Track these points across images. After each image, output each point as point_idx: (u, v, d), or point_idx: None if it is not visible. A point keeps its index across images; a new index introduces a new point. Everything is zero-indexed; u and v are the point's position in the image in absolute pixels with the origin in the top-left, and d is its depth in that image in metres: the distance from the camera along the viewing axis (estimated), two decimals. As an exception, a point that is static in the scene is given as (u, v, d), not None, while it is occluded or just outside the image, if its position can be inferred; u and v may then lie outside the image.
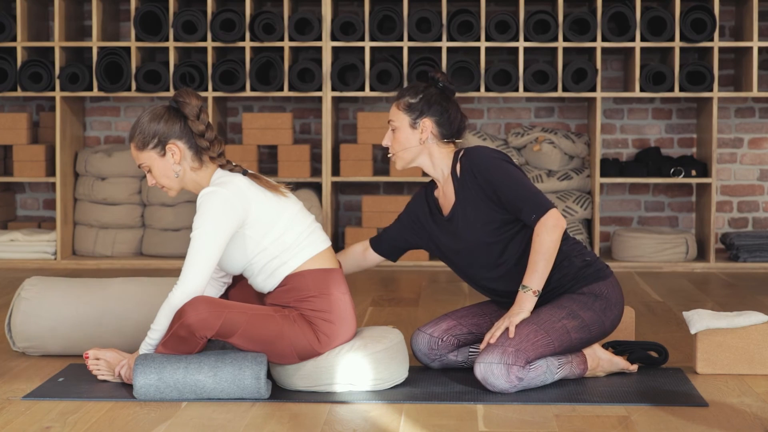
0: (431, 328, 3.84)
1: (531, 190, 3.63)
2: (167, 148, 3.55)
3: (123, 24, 7.19)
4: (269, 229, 3.52)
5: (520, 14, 6.62)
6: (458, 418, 3.30)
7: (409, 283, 6.04)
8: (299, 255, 3.54)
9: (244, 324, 3.45)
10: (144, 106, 7.20)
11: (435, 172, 3.79)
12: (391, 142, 3.79)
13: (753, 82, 6.58)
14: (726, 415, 3.32)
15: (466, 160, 3.71)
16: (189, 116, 3.55)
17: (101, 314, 4.00)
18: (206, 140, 3.56)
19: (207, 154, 3.57)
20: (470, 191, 3.69)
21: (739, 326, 3.79)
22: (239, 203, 3.48)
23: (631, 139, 7.14)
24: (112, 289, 4.07)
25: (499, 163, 3.67)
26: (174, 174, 3.57)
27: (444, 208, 3.80)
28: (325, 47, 6.67)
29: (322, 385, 3.54)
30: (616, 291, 3.74)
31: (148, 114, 3.58)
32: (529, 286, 3.60)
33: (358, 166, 6.72)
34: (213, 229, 3.45)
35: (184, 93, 3.57)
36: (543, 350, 3.57)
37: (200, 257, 3.45)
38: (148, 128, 3.55)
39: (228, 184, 3.50)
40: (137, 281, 4.13)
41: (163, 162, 3.57)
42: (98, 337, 3.99)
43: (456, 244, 3.74)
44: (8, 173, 7.01)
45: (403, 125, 3.76)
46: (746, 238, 6.64)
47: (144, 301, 4.01)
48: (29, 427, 3.19)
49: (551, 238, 3.58)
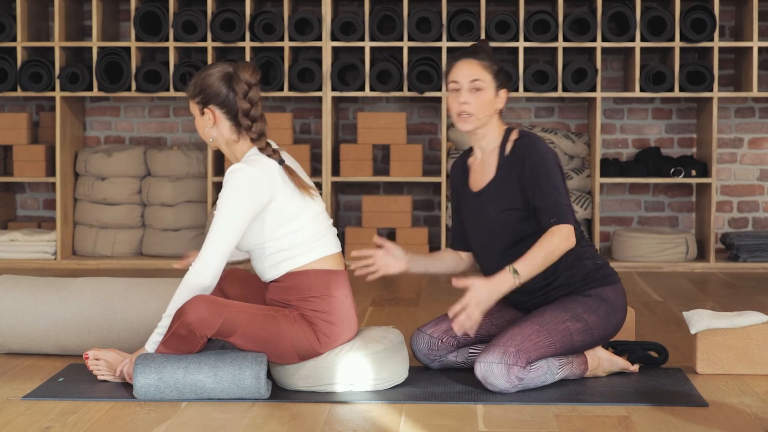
0: (431, 328, 3.84)
1: (564, 200, 3.61)
2: (206, 111, 3.55)
3: (123, 24, 7.19)
4: (287, 222, 3.50)
5: (520, 14, 6.62)
6: (458, 418, 3.30)
7: (409, 283, 6.04)
8: (307, 254, 3.53)
9: (244, 323, 3.45)
10: (144, 106, 7.20)
11: (485, 141, 3.74)
12: (475, 103, 3.65)
13: (753, 82, 6.58)
14: (726, 415, 3.32)
15: (521, 144, 3.66)
16: (237, 92, 3.53)
17: (57, 313, 4.02)
18: (249, 119, 3.54)
19: (247, 133, 3.55)
20: (511, 173, 3.66)
21: (739, 326, 3.79)
22: (266, 184, 3.46)
23: (631, 139, 7.14)
24: (69, 289, 4.09)
25: (552, 164, 3.63)
26: (209, 134, 3.58)
27: (475, 179, 3.77)
28: (325, 47, 6.67)
29: (322, 385, 3.54)
30: (621, 297, 3.74)
31: (205, 72, 3.56)
32: (519, 272, 3.53)
33: (358, 166, 6.72)
34: (235, 208, 3.43)
35: (240, 67, 3.54)
36: (544, 351, 3.57)
37: (220, 236, 3.44)
38: (201, 83, 3.55)
39: (257, 164, 3.48)
40: (95, 281, 4.14)
41: (200, 120, 3.59)
42: (53, 337, 4.02)
43: (478, 218, 3.71)
44: (8, 173, 7.01)
45: (490, 88, 3.68)
46: (746, 238, 6.64)
47: (98, 302, 4.03)
48: (29, 427, 3.19)
49: (560, 245, 3.56)
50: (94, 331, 4.00)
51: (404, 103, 7.16)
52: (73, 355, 4.05)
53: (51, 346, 4.04)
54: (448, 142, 6.76)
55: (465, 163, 3.85)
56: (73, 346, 4.03)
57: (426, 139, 7.15)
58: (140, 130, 7.23)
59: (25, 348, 4.07)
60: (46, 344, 4.03)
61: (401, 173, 6.71)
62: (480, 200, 3.72)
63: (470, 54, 3.70)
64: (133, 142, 7.23)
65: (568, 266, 3.68)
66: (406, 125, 6.74)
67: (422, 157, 6.73)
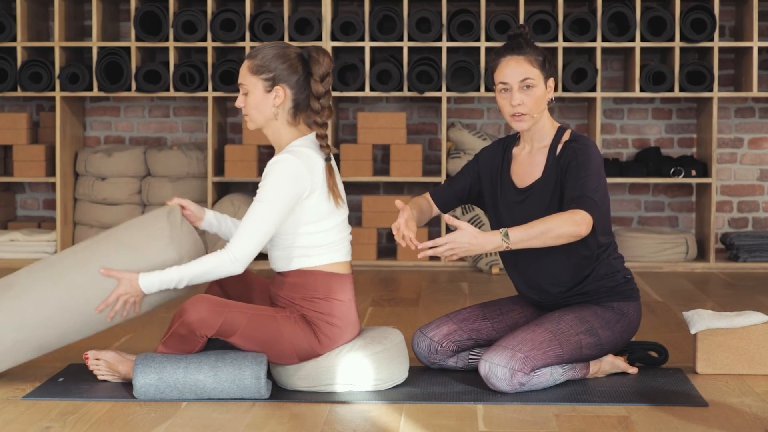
0: (432, 331, 3.81)
1: (593, 195, 3.47)
2: (275, 89, 3.51)
3: (123, 24, 7.18)
4: (317, 220, 3.49)
5: (520, 14, 6.62)
6: (458, 418, 3.29)
7: (409, 283, 6.04)
8: (322, 257, 3.52)
9: (244, 324, 3.45)
10: (144, 106, 7.20)
11: (536, 135, 3.64)
12: (529, 101, 3.55)
13: (753, 82, 6.58)
14: (726, 415, 3.32)
15: (572, 148, 3.56)
16: (314, 75, 3.51)
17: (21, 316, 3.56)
18: (320, 104, 3.53)
19: (314, 117, 3.52)
20: (557, 176, 3.57)
21: (739, 326, 3.79)
22: (308, 176, 3.44)
23: (631, 139, 7.14)
24: (19, 284, 3.63)
25: (595, 167, 3.52)
26: (269, 113, 3.51)
27: (519, 173, 3.69)
28: (325, 47, 6.67)
29: (323, 386, 3.54)
30: (638, 314, 3.72)
31: (279, 48, 3.51)
32: (510, 237, 3.40)
33: (358, 166, 6.72)
34: (277, 198, 3.41)
35: (320, 51, 3.52)
36: (551, 360, 3.55)
37: (258, 225, 3.42)
38: (271, 60, 3.50)
39: (301, 155, 3.46)
40: (40, 266, 3.64)
41: (264, 97, 3.52)
42: (26, 341, 3.56)
43: (516, 213, 3.63)
44: (8, 173, 7.01)
45: (540, 83, 3.59)
46: (746, 238, 6.63)
47: (58, 282, 3.54)
48: (29, 427, 3.19)
49: (565, 226, 3.41)
50: (71, 317, 3.53)
51: (404, 103, 7.16)
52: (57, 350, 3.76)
53: (31, 351, 3.60)
54: (448, 142, 6.76)
55: (508, 150, 3.74)
56: (55, 341, 3.59)
57: (426, 139, 7.15)
58: (140, 130, 7.23)
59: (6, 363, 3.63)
60: (21, 353, 3.59)
61: (401, 173, 6.71)
62: (524, 197, 3.65)
63: (515, 50, 3.58)
64: (133, 142, 7.23)
65: (600, 276, 3.63)
66: (406, 125, 6.74)
67: (422, 157, 6.73)
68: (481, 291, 5.75)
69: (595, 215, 3.46)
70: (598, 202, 3.49)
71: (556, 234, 3.41)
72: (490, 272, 6.40)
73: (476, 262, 6.48)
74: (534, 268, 3.67)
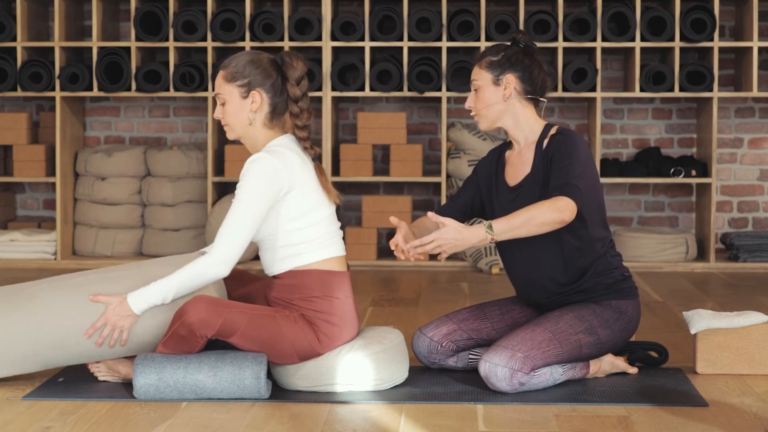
0: (432, 331, 3.82)
1: (577, 182, 3.48)
2: (251, 94, 3.55)
3: (123, 24, 7.18)
4: (300, 216, 3.50)
5: (520, 14, 6.62)
6: (458, 418, 3.29)
7: (409, 283, 6.04)
8: (314, 253, 3.53)
9: (244, 324, 3.45)
10: (144, 106, 7.20)
11: (517, 133, 3.71)
12: (474, 102, 3.71)
13: (753, 82, 6.58)
14: (726, 415, 3.32)
15: (557, 140, 3.61)
16: (290, 79, 3.57)
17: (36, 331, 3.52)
18: (299, 107, 3.57)
19: (295, 120, 3.58)
20: (545, 169, 3.61)
21: (739, 326, 3.79)
22: (285, 174, 3.46)
23: (631, 139, 7.14)
24: (39, 299, 3.56)
25: (580, 157, 3.54)
26: (247, 120, 3.55)
27: (511, 173, 3.74)
28: (325, 47, 6.67)
29: (323, 385, 3.54)
30: (637, 312, 3.72)
31: (252, 56, 3.58)
32: (494, 229, 3.42)
33: (358, 166, 6.72)
34: (254, 197, 3.43)
35: (293, 56, 3.59)
36: (551, 360, 3.55)
37: (238, 225, 3.43)
38: (245, 67, 3.56)
39: (279, 154, 3.48)
40: (63, 282, 3.61)
41: (240, 103, 3.56)
42: (34, 355, 3.53)
43: (511, 211, 3.61)
44: (8, 173, 7.01)
45: (486, 83, 3.69)
46: (746, 238, 6.64)
47: (77, 303, 3.52)
48: (29, 427, 3.19)
49: (548, 213, 3.42)
50: (82, 341, 3.52)
51: (404, 103, 7.16)
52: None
53: (37, 365, 3.59)
54: (448, 142, 6.76)
55: (501, 155, 3.81)
56: (62, 360, 3.59)
57: (426, 139, 7.15)
58: (140, 130, 7.23)
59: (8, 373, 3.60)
60: (28, 365, 3.57)
61: (401, 173, 6.71)
62: (515, 195, 3.68)
63: (477, 59, 3.74)
64: (133, 142, 7.23)
65: (597, 273, 3.64)
66: (406, 125, 6.74)
67: (422, 157, 6.73)
68: (481, 291, 5.75)
69: (579, 201, 3.48)
70: (582, 189, 3.50)
71: (539, 221, 3.43)
72: (490, 272, 6.40)
73: (476, 262, 6.48)
74: (530, 265, 3.68)
